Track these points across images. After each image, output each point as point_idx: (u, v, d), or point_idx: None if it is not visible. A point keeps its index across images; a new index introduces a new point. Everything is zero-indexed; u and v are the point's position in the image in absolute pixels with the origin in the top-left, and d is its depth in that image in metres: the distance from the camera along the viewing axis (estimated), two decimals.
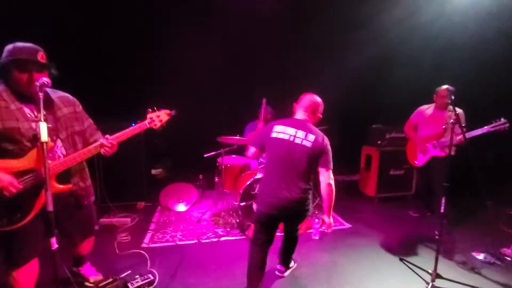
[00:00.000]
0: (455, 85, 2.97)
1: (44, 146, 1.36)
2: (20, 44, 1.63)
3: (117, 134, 1.84)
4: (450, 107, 3.13)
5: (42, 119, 1.39)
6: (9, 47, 1.61)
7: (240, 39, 4.68)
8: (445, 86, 3.11)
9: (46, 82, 1.53)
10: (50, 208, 1.27)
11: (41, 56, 1.64)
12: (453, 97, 2.31)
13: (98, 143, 1.79)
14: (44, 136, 1.37)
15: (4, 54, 1.60)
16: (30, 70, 1.57)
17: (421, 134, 3.36)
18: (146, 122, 1.92)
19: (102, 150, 1.79)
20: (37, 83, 1.48)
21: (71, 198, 1.86)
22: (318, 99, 2.17)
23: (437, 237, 2.30)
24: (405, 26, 4.48)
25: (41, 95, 1.45)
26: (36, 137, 1.55)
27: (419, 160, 3.38)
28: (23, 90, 1.60)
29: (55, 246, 1.37)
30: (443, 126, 3.08)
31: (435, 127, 3.17)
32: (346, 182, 5.08)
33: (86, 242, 2.14)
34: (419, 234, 3.25)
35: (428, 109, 3.37)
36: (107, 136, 1.83)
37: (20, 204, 1.59)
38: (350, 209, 3.97)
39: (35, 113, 1.65)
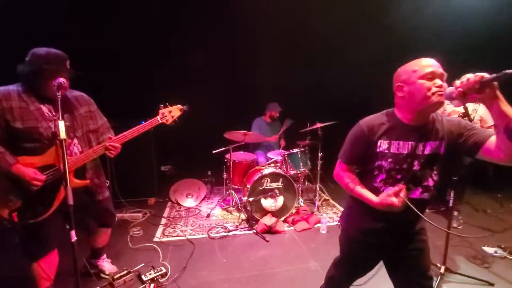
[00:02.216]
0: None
1: (63, 144, 1.42)
2: (52, 51, 1.70)
3: (124, 133, 1.89)
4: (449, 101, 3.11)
5: (60, 118, 1.46)
6: (40, 52, 1.66)
7: (248, 36, 4.69)
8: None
9: (62, 83, 1.61)
10: (71, 202, 1.34)
11: (68, 63, 1.74)
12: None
13: (102, 144, 1.86)
14: (63, 133, 1.44)
15: (34, 59, 1.64)
16: (60, 77, 1.63)
17: None
18: (158, 117, 1.99)
19: (107, 152, 1.85)
20: (55, 83, 1.55)
21: (87, 194, 1.95)
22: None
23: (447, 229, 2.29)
24: (416, 18, 4.40)
25: (58, 95, 1.51)
26: (55, 135, 1.63)
27: None
28: (46, 93, 1.67)
29: (74, 238, 1.44)
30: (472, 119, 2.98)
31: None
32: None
33: (104, 234, 2.23)
34: (429, 228, 3.23)
35: (449, 103, 3.19)
36: (110, 136, 1.89)
37: (42, 198, 1.68)
38: None
39: (53, 112, 1.72)
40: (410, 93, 1.20)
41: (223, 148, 3.68)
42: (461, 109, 3.03)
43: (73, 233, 1.43)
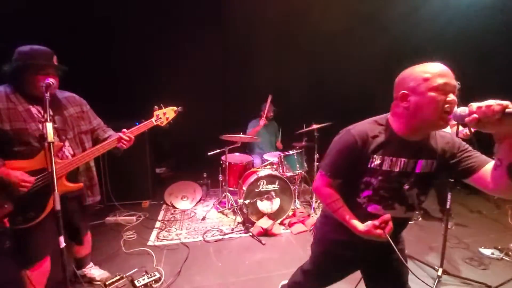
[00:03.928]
0: (460, 79, 2.95)
1: (51, 146, 1.37)
2: (36, 47, 1.66)
3: (130, 130, 1.88)
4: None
5: (48, 119, 1.41)
6: (24, 49, 1.63)
7: (243, 37, 4.67)
8: None
9: (52, 83, 1.56)
10: (58, 207, 1.29)
11: (55, 59, 1.70)
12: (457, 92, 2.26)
13: (115, 136, 1.83)
14: (50, 136, 1.39)
15: (19, 56, 1.62)
16: (48, 73, 1.61)
17: None
18: (152, 119, 1.95)
19: (119, 144, 1.82)
20: (43, 84, 1.50)
21: (78, 198, 1.89)
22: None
23: (442, 233, 2.28)
24: (411, 21, 4.42)
25: (47, 95, 1.47)
26: (43, 137, 1.57)
27: None
28: (33, 92, 1.63)
29: (63, 244, 1.39)
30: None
31: None
32: None
33: (84, 242, 2.14)
34: (425, 230, 3.23)
35: None
36: (124, 130, 1.87)
37: (33, 203, 1.62)
38: None
39: (43, 113, 1.67)
40: (416, 105, 1.03)
41: (219, 150, 3.64)
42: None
43: (61, 239, 1.38)
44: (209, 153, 3.64)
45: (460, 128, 2.74)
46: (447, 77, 1.01)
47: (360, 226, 1.13)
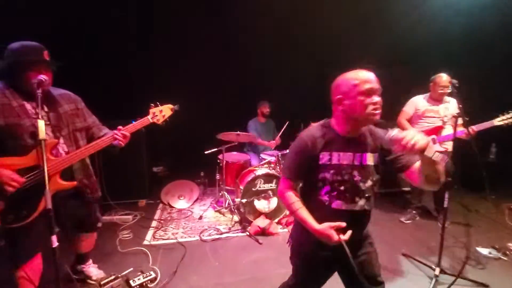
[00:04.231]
0: (456, 77, 2.93)
1: (43, 144, 1.35)
2: (27, 43, 1.65)
3: (125, 127, 1.85)
4: (446, 98, 3.06)
5: (40, 116, 1.39)
6: (15, 46, 1.62)
7: (240, 35, 4.63)
8: (444, 75, 2.95)
9: (44, 80, 1.54)
10: (49, 206, 1.26)
11: (46, 55, 1.68)
12: (455, 90, 2.25)
13: (110, 134, 1.81)
14: (42, 133, 1.36)
15: (10, 53, 1.61)
16: (39, 69, 1.60)
17: (418, 128, 3.16)
18: (148, 117, 1.92)
19: (115, 142, 1.80)
20: (34, 81, 1.49)
21: (76, 195, 1.87)
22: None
23: (440, 232, 2.27)
24: (409, 20, 4.41)
25: (39, 92, 1.44)
26: (34, 135, 1.55)
27: None
28: (27, 88, 1.60)
29: (55, 244, 1.37)
30: (444, 119, 3.01)
31: (433, 120, 3.07)
32: None
33: (88, 238, 2.15)
34: (422, 229, 3.23)
35: (423, 100, 3.18)
36: (120, 127, 1.85)
37: (26, 201, 1.59)
38: None
39: (37, 110, 1.64)
40: (350, 107, 1.23)
41: (216, 149, 3.61)
42: (438, 108, 3.05)
43: (54, 238, 1.36)
44: (206, 152, 3.61)
45: (462, 128, 2.78)
46: (371, 82, 1.21)
47: (316, 225, 1.23)
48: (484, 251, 2.70)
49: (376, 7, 4.30)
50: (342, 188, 1.28)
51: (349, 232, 1.21)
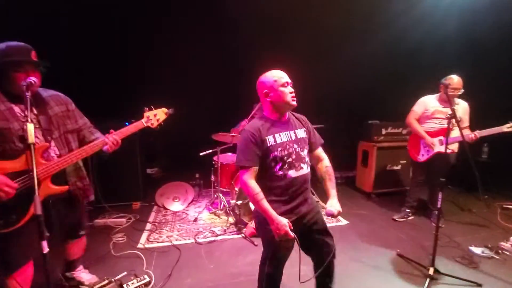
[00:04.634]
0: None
1: (32, 148, 1.32)
2: (13, 43, 1.60)
3: (118, 131, 1.82)
4: (456, 100, 3.02)
5: (29, 120, 1.35)
6: (0, 47, 1.57)
7: (236, 35, 4.62)
8: (456, 77, 2.92)
9: (33, 82, 1.50)
10: (38, 211, 1.23)
11: (34, 55, 1.64)
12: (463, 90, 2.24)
13: (101, 139, 1.77)
14: (31, 137, 1.33)
15: None
16: (26, 70, 1.56)
17: (426, 128, 3.16)
18: (142, 121, 1.89)
19: (105, 147, 1.76)
20: (23, 83, 1.45)
21: (68, 199, 1.84)
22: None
23: (434, 231, 2.29)
24: (403, 20, 4.44)
25: (28, 94, 1.41)
26: (23, 138, 1.51)
27: (423, 156, 3.21)
28: (15, 90, 1.57)
29: (46, 249, 1.34)
30: (453, 120, 2.99)
31: (442, 121, 3.05)
32: (343, 178, 5.08)
33: (75, 245, 2.11)
34: (417, 229, 3.25)
35: (434, 100, 3.16)
36: (112, 131, 1.81)
37: (15, 206, 1.55)
38: (347, 205, 3.96)
39: (26, 112, 1.61)
40: (276, 98, 1.60)
41: (211, 150, 3.59)
42: (447, 110, 3.02)
43: (44, 244, 1.33)
44: (201, 154, 3.59)
45: (467, 131, 2.80)
46: (285, 77, 1.62)
47: (276, 218, 1.50)
48: (477, 250, 2.72)
49: (371, 8, 4.33)
50: (290, 160, 1.60)
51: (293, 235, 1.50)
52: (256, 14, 4.20)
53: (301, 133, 1.69)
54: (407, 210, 3.51)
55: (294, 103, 1.61)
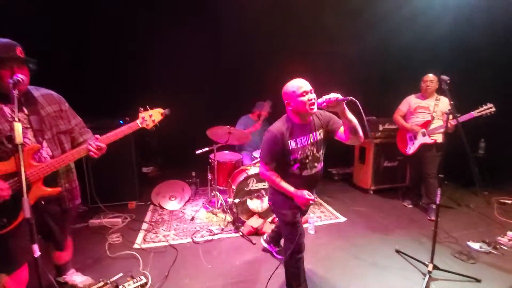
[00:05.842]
0: (447, 75, 2.96)
1: (20, 148, 1.26)
2: None
3: (107, 135, 1.75)
4: (438, 97, 3.37)
5: (16, 119, 1.30)
6: None
7: (231, 33, 4.56)
8: (430, 74, 3.34)
9: (21, 79, 1.45)
10: (27, 215, 1.19)
11: (19, 51, 1.56)
12: (447, 87, 2.28)
13: (84, 146, 1.70)
14: (19, 137, 1.28)
15: None
16: (11, 67, 1.49)
17: (410, 123, 3.54)
18: (137, 121, 1.82)
19: (90, 153, 1.69)
20: (11, 81, 1.40)
21: (57, 201, 1.78)
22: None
23: (432, 227, 2.28)
24: (396, 17, 4.43)
25: (15, 93, 1.36)
26: (10, 139, 1.46)
27: (410, 148, 3.55)
28: (2, 89, 1.50)
29: (37, 253, 1.30)
30: (433, 114, 3.33)
31: (423, 115, 3.41)
32: (340, 175, 5.07)
33: (66, 248, 2.05)
34: (415, 225, 3.25)
35: (415, 98, 3.54)
36: (97, 136, 1.74)
37: (6, 208, 1.50)
38: (345, 202, 3.96)
39: (14, 110, 1.55)
40: (295, 107, 1.78)
41: (207, 148, 3.54)
42: (426, 103, 3.42)
43: (35, 247, 1.30)
44: (197, 152, 3.54)
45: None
46: (304, 87, 1.75)
47: (294, 191, 1.84)
48: (475, 245, 2.73)
49: (361, 6, 4.31)
50: (307, 161, 1.87)
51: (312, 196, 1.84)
52: (251, 11, 4.15)
53: (319, 134, 1.89)
54: (411, 196, 3.87)
55: (313, 111, 1.75)
